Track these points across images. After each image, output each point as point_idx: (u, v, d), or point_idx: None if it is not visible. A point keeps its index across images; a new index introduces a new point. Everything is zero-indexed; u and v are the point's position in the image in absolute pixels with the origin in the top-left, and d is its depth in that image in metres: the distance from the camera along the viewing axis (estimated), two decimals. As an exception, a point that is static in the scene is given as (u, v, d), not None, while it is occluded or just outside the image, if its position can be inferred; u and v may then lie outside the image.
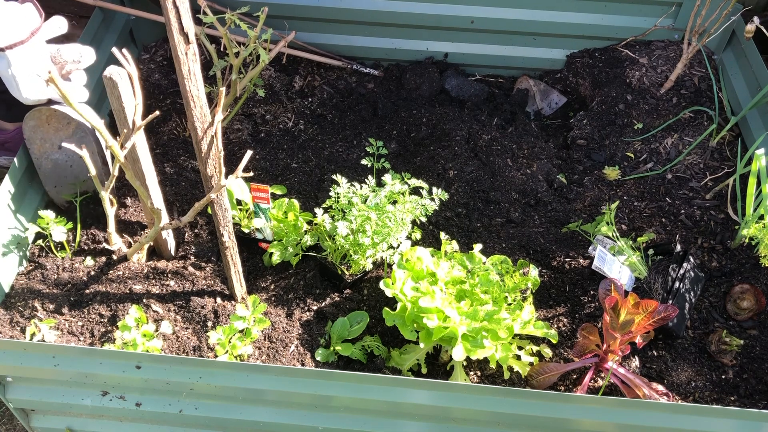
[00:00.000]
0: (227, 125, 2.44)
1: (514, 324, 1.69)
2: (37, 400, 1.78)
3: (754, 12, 2.58)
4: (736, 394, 1.81)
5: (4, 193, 1.90)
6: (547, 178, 2.37)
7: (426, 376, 1.78)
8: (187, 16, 1.32)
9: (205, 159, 1.57)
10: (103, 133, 1.56)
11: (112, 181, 1.74)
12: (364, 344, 1.82)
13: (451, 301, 1.75)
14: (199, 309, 1.86)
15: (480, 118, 2.56)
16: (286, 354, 1.80)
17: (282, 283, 1.98)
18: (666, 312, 1.62)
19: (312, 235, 1.93)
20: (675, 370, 1.84)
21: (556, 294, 2.00)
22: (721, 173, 2.30)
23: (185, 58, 1.38)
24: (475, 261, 1.88)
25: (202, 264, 1.99)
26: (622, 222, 2.19)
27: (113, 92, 1.59)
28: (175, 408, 1.74)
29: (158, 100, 2.54)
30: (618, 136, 2.44)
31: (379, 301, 1.92)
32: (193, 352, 1.79)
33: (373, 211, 1.85)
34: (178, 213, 2.16)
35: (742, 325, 1.94)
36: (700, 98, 2.47)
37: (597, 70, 2.67)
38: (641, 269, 2.00)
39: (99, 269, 1.95)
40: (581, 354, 1.76)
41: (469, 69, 2.82)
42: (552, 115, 2.70)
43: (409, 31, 2.72)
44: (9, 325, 1.83)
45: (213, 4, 2.41)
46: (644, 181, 2.30)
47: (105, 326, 1.84)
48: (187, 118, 1.49)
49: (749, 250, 2.08)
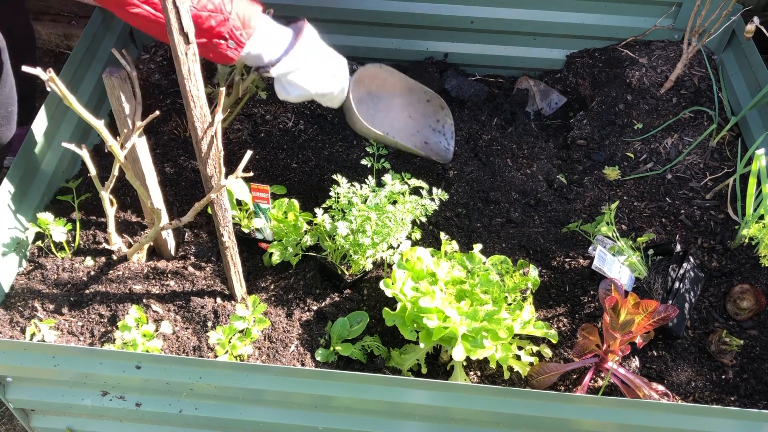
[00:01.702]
0: (227, 125, 2.44)
1: (514, 324, 1.69)
2: (37, 400, 1.78)
3: (754, 12, 2.58)
4: (736, 394, 1.81)
5: (4, 193, 1.90)
6: (547, 178, 2.37)
7: (426, 376, 1.78)
8: (187, 16, 1.32)
9: (205, 159, 1.57)
10: (103, 133, 1.56)
11: (112, 181, 1.74)
12: (364, 344, 1.82)
13: (451, 301, 1.75)
14: (199, 309, 1.86)
15: (480, 118, 2.56)
16: (286, 354, 1.80)
17: (282, 283, 1.98)
18: (666, 312, 1.62)
19: (312, 235, 1.93)
20: (675, 370, 1.84)
21: (556, 294, 2.00)
22: (721, 173, 2.30)
23: (185, 58, 1.38)
24: (475, 261, 1.88)
25: (202, 264, 1.99)
26: (622, 222, 2.19)
27: (113, 92, 1.59)
28: (175, 408, 1.74)
29: (158, 100, 2.54)
30: (618, 136, 2.44)
31: (379, 301, 1.92)
32: (193, 352, 1.79)
33: (373, 211, 1.85)
34: (178, 213, 2.16)
35: (742, 325, 1.94)
36: (700, 98, 2.47)
37: (597, 70, 2.67)
38: (641, 269, 2.00)
39: (99, 269, 1.95)
40: (581, 354, 1.76)
41: (469, 69, 2.82)
42: (552, 115, 2.70)
43: (409, 31, 2.72)
44: (9, 325, 1.83)
45: (213, 4, 2.41)
46: (644, 181, 2.30)
47: (105, 326, 1.84)
48: (187, 118, 1.49)
49: (749, 250, 2.08)
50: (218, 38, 1.67)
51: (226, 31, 1.67)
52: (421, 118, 2.30)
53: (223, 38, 1.68)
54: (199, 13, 1.61)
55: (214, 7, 1.62)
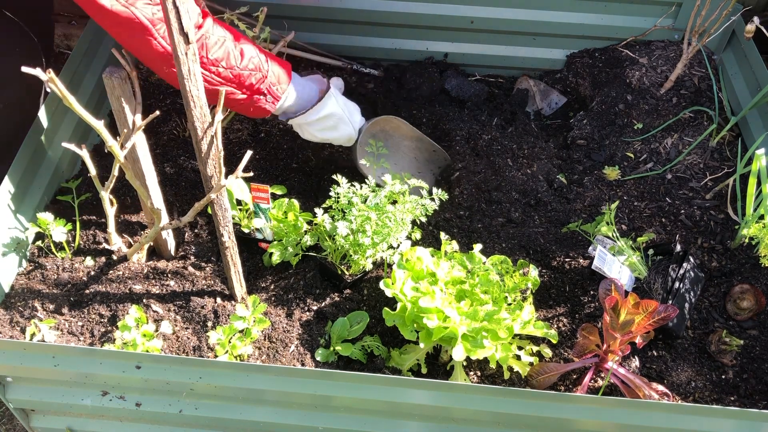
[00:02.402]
0: (227, 125, 2.45)
1: (514, 324, 1.69)
2: (37, 400, 1.78)
3: (754, 12, 2.58)
4: (736, 394, 1.81)
5: (4, 193, 1.90)
6: (547, 178, 2.37)
7: (426, 376, 1.78)
8: (187, 16, 1.32)
9: (205, 159, 1.57)
10: (103, 134, 1.56)
11: (112, 181, 1.74)
12: (364, 344, 1.82)
13: (451, 301, 1.75)
14: (199, 309, 1.86)
15: (480, 118, 2.56)
16: (286, 354, 1.80)
17: (282, 283, 1.98)
18: (666, 312, 1.62)
19: (312, 235, 1.93)
20: (675, 370, 1.84)
21: (556, 294, 2.00)
22: (721, 173, 2.30)
23: (185, 58, 1.38)
24: (475, 261, 1.88)
25: (202, 264, 1.99)
26: (622, 222, 2.19)
27: (113, 92, 1.59)
28: (175, 408, 1.74)
29: (158, 100, 2.54)
30: (618, 136, 2.44)
31: (379, 301, 1.92)
32: (193, 352, 1.79)
33: (373, 211, 1.85)
34: (178, 213, 2.16)
35: (742, 325, 1.94)
36: (700, 98, 2.47)
37: (597, 70, 2.67)
38: (641, 269, 2.00)
39: (99, 269, 1.95)
40: (581, 354, 1.76)
41: (469, 69, 2.82)
42: (552, 115, 2.70)
43: (409, 31, 2.72)
44: (9, 325, 1.83)
45: (212, 4, 2.41)
46: (644, 181, 2.30)
47: (105, 326, 1.84)
48: (187, 118, 1.49)
49: (749, 250, 2.08)
50: (258, 94, 1.87)
51: (266, 87, 1.87)
52: (425, 162, 2.41)
53: (262, 94, 1.88)
54: (241, 72, 1.80)
55: (255, 66, 1.82)
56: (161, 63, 1.70)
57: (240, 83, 1.82)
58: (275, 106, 1.93)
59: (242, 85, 1.82)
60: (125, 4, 1.56)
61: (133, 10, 1.58)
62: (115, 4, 1.55)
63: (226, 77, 1.79)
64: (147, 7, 1.60)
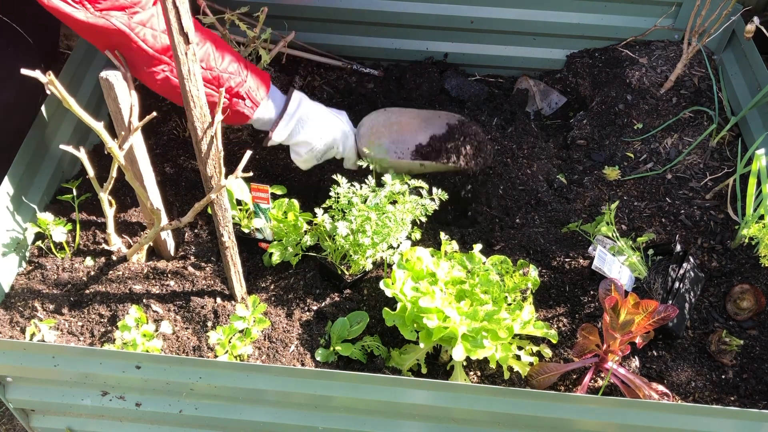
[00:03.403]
0: (227, 125, 2.44)
1: (514, 324, 1.69)
2: (37, 400, 1.79)
3: (754, 12, 2.58)
4: (736, 394, 1.81)
5: (4, 193, 1.90)
6: (547, 178, 2.37)
7: (426, 376, 1.78)
8: (187, 16, 1.32)
9: (205, 159, 1.57)
10: (102, 135, 1.56)
11: (110, 182, 1.74)
12: (364, 344, 1.82)
13: (451, 301, 1.75)
14: (199, 309, 1.86)
15: (480, 118, 2.55)
16: (286, 354, 1.80)
17: (282, 283, 1.98)
18: (666, 312, 1.62)
19: (312, 235, 1.93)
20: (675, 370, 1.84)
21: (556, 294, 2.00)
22: (721, 173, 2.30)
23: (185, 58, 1.38)
24: (475, 261, 1.88)
25: (202, 264, 1.99)
26: (622, 222, 2.19)
27: (110, 94, 1.59)
28: (175, 408, 1.74)
29: (157, 101, 2.54)
30: (618, 136, 2.44)
31: (379, 301, 1.92)
32: (193, 352, 1.79)
33: (373, 211, 1.85)
34: (178, 213, 2.16)
35: (742, 325, 1.94)
36: (700, 98, 2.47)
37: (597, 70, 2.67)
38: (641, 269, 2.00)
39: (99, 269, 1.95)
40: (581, 354, 1.76)
41: (469, 69, 2.82)
42: (552, 115, 2.70)
43: (409, 31, 2.72)
44: (9, 325, 1.83)
45: (213, 4, 2.41)
46: (644, 181, 2.30)
47: (105, 326, 1.84)
48: (187, 118, 1.49)
49: (749, 250, 2.08)
50: (237, 97, 1.89)
51: (244, 91, 1.88)
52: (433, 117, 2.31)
53: (241, 98, 1.89)
54: (221, 74, 1.82)
55: (234, 70, 1.85)
56: (141, 64, 1.70)
57: (219, 85, 1.82)
58: (253, 111, 1.94)
59: (221, 87, 1.83)
60: (100, 15, 1.57)
61: (109, 19, 1.58)
62: (90, 17, 1.55)
63: (206, 78, 1.79)
64: (123, 16, 1.60)
